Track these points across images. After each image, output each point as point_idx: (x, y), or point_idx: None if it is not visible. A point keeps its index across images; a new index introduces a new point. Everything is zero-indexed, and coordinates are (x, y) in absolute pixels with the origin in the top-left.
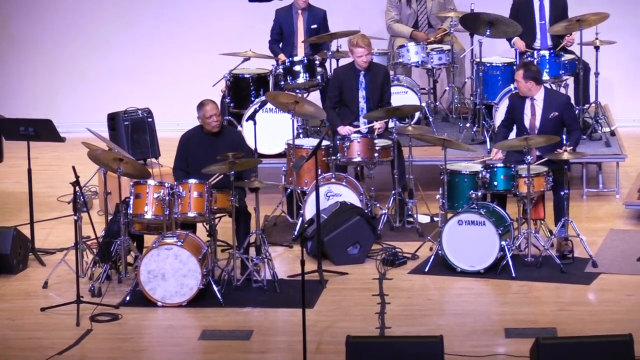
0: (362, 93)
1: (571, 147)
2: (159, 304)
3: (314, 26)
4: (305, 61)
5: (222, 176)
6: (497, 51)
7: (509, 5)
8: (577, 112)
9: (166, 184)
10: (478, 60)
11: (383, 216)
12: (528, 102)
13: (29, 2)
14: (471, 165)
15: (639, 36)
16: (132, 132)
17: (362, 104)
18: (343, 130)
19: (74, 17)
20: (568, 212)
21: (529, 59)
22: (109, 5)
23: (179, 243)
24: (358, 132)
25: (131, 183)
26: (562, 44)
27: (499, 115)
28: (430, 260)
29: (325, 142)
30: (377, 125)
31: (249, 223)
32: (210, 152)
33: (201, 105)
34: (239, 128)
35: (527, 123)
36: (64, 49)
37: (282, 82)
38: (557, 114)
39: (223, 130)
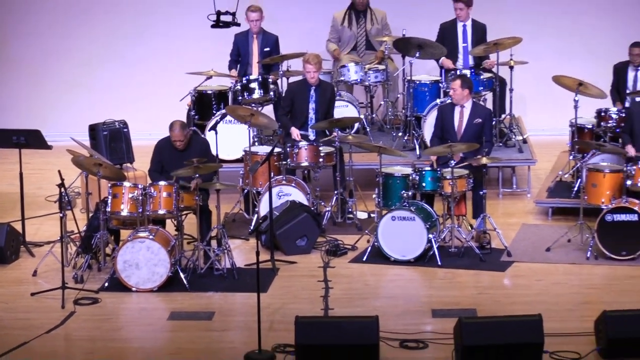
0: (312, 105)
1: (484, 156)
2: (133, 289)
3: (267, 49)
4: (260, 79)
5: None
6: (426, 69)
7: (436, 30)
8: (493, 123)
9: (140, 186)
10: (409, 78)
11: (327, 213)
12: (458, 109)
13: (23, 27)
14: (403, 169)
15: (548, 57)
16: (110, 140)
17: (312, 114)
18: (294, 132)
19: (61, 41)
20: (486, 209)
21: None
22: (90, 32)
23: (151, 237)
24: (307, 139)
25: (109, 185)
26: (483, 65)
27: (427, 126)
28: (368, 250)
29: (277, 149)
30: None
31: (211, 219)
32: (180, 159)
33: (170, 127)
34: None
35: (455, 126)
36: (51, 69)
37: (240, 98)
38: (480, 120)
39: (191, 141)
